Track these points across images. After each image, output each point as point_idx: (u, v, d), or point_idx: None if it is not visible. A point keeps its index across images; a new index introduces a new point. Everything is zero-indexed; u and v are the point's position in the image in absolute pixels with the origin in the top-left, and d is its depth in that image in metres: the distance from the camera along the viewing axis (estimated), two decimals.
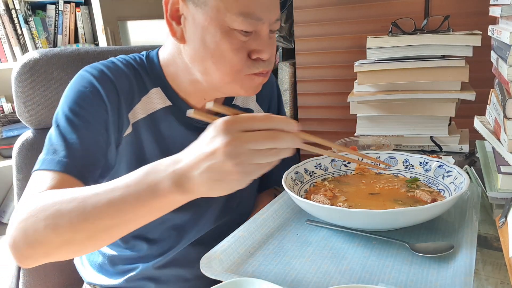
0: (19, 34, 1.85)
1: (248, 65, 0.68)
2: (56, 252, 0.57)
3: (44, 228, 0.55)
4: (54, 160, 0.64)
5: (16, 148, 0.94)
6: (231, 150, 0.47)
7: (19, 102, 0.92)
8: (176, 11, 0.67)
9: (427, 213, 0.61)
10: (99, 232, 0.55)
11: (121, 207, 0.53)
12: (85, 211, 0.54)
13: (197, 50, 0.68)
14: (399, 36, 1.07)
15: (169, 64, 0.76)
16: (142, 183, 0.53)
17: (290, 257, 0.61)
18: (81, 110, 0.68)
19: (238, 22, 0.64)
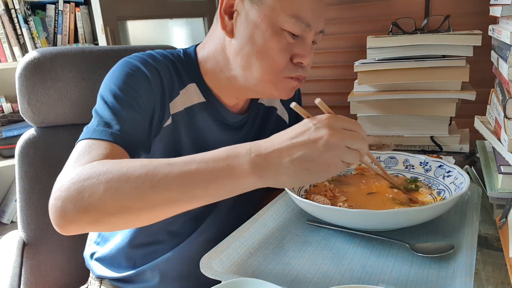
0: (19, 34, 1.85)
1: (289, 68, 0.72)
2: (106, 220, 0.54)
3: (104, 191, 0.53)
4: (107, 132, 0.62)
5: (19, 146, 0.94)
6: (335, 141, 0.51)
7: (23, 100, 0.92)
8: (230, 7, 0.71)
9: (428, 213, 0.61)
10: (162, 203, 0.54)
11: (193, 181, 0.53)
12: (154, 179, 0.53)
13: (244, 45, 0.71)
14: (399, 36, 1.06)
15: (208, 60, 0.78)
16: (220, 161, 0.53)
17: (290, 257, 0.61)
18: (129, 88, 0.68)
19: (290, 23, 0.68)
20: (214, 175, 0.53)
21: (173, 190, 0.53)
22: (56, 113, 0.95)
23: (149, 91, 0.70)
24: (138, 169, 0.54)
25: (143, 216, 0.55)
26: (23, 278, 0.93)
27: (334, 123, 0.53)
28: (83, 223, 0.55)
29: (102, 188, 0.53)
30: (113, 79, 0.70)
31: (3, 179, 2.00)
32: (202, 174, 0.53)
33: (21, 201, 0.95)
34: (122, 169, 0.54)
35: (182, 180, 0.53)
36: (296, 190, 0.73)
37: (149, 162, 0.55)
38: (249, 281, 0.49)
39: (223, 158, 0.53)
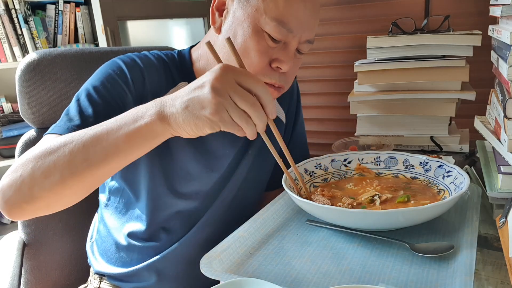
0: (19, 34, 1.85)
1: (265, 72, 0.71)
2: (40, 196, 0.58)
3: (32, 166, 0.58)
4: (65, 126, 0.66)
5: (19, 147, 0.94)
6: (218, 86, 0.52)
7: (23, 101, 0.92)
8: (222, 4, 0.73)
9: (427, 213, 0.61)
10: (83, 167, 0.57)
11: (105, 138, 0.57)
12: (71, 145, 0.58)
13: None
14: (399, 36, 1.07)
15: (200, 59, 0.80)
16: (127, 116, 0.58)
17: (290, 257, 0.61)
18: (104, 89, 0.71)
19: (271, 26, 0.68)
20: (122, 129, 0.57)
21: (89, 151, 0.57)
22: (56, 114, 0.95)
23: (124, 91, 0.72)
24: (57, 141, 0.58)
25: (71, 184, 0.58)
26: (23, 278, 0.93)
27: (225, 71, 0.53)
28: (21, 202, 0.59)
29: (30, 165, 0.58)
30: (93, 78, 0.73)
31: None
32: (112, 131, 0.57)
33: None
34: (45, 145, 0.59)
35: (94, 140, 0.57)
36: (296, 190, 0.73)
37: (66, 136, 0.59)
38: (249, 281, 0.49)
39: (129, 113, 0.58)
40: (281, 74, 0.72)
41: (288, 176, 0.72)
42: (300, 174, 0.74)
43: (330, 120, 1.78)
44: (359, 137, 1.10)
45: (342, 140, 1.05)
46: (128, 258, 0.82)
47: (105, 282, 0.85)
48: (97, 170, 0.58)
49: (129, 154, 0.59)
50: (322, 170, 0.83)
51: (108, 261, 0.84)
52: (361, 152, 0.86)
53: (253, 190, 0.90)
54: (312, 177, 0.80)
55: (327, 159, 0.84)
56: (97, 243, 0.88)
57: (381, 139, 1.04)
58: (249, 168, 0.85)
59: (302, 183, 0.74)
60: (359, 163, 0.84)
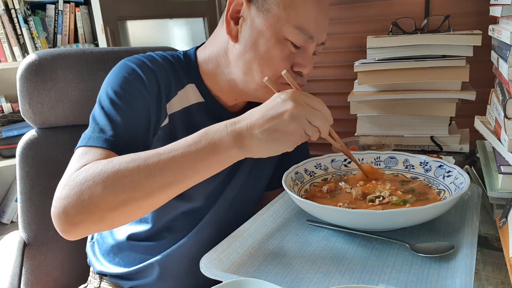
0: (19, 34, 1.85)
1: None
2: (110, 216, 0.59)
3: (103, 189, 0.58)
4: (102, 138, 0.66)
5: (20, 147, 0.94)
6: (297, 113, 0.59)
7: (24, 101, 0.92)
8: (237, 12, 0.73)
9: (428, 213, 0.61)
10: (158, 189, 0.59)
11: (182, 163, 0.59)
12: (147, 169, 0.59)
13: (247, 50, 0.73)
14: (399, 36, 1.06)
15: (209, 61, 0.80)
16: (202, 141, 0.60)
17: (290, 257, 0.61)
18: (124, 92, 0.71)
19: (294, 34, 0.71)
20: (199, 155, 0.60)
21: (166, 175, 0.59)
22: (57, 114, 0.95)
23: (144, 94, 0.72)
24: (130, 163, 0.59)
25: (143, 204, 0.60)
26: (24, 278, 0.93)
27: (298, 97, 0.60)
28: (88, 223, 0.59)
29: (101, 188, 0.58)
30: (110, 83, 0.73)
31: (3, 179, 2.00)
32: (188, 156, 0.60)
33: (22, 202, 0.95)
34: (115, 166, 0.59)
35: (172, 165, 0.59)
36: (296, 190, 0.73)
37: (137, 156, 0.60)
38: (249, 281, 0.49)
39: (204, 138, 0.61)
40: (302, 76, 0.76)
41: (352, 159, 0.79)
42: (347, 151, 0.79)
43: None
44: (359, 137, 1.10)
45: (342, 140, 1.05)
46: (130, 258, 0.82)
47: (105, 282, 0.85)
48: (172, 191, 0.62)
49: (207, 174, 0.63)
50: (322, 170, 0.83)
51: (110, 261, 0.84)
52: (361, 152, 0.86)
53: (254, 189, 0.90)
54: (312, 177, 0.80)
55: (327, 159, 0.84)
56: (98, 244, 0.88)
57: (381, 139, 1.04)
58: (251, 167, 0.86)
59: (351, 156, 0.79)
60: None
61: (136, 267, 0.80)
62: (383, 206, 0.68)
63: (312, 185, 0.79)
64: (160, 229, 0.81)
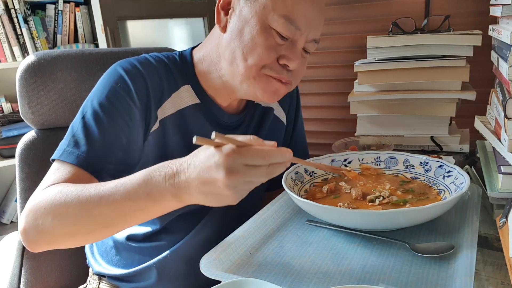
0: (19, 34, 1.84)
1: (273, 67, 0.72)
2: (61, 241, 0.65)
3: (52, 220, 0.61)
4: (74, 154, 0.67)
5: (19, 148, 0.94)
6: (231, 183, 0.52)
7: (23, 102, 0.92)
8: (228, 4, 0.73)
9: (428, 213, 0.61)
10: (100, 228, 0.62)
11: (121, 209, 0.60)
12: (87, 209, 0.60)
13: (232, 39, 0.72)
14: (400, 36, 1.06)
15: (203, 60, 0.79)
16: (141, 191, 0.58)
17: (290, 257, 0.61)
18: (109, 105, 0.70)
19: (279, 23, 0.69)
20: (137, 204, 0.59)
21: (106, 217, 0.61)
22: (56, 115, 0.95)
23: (130, 105, 0.71)
24: (74, 200, 0.61)
25: (89, 237, 0.65)
26: (23, 279, 0.93)
27: (232, 162, 0.51)
28: (44, 244, 0.65)
29: (50, 218, 0.62)
30: (96, 93, 0.72)
31: (3, 179, 2.00)
32: (127, 204, 0.59)
33: (21, 203, 0.95)
34: (61, 200, 0.61)
35: (110, 210, 0.60)
36: (296, 190, 0.73)
37: (82, 192, 0.61)
38: (249, 281, 0.49)
39: (142, 189, 0.58)
40: (289, 71, 0.73)
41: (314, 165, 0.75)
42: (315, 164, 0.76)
43: (330, 120, 1.78)
44: (359, 137, 1.10)
45: (342, 140, 1.05)
46: (129, 259, 0.82)
47: (104, 283, 0.85)
48: (115, 229, 0.64)
49: (147, 219, 0.63)
50: (322, 170, 0.83)
51: (108, 262, 0.84)
52: (361, 152, 0.86)
53: (252, 191, 0.90)
54: (312, 177, 0.80)
55: (327, 159, 0.84)
56: (97, 244, 0.88)
57: (381, 139, 1.04)
58: None
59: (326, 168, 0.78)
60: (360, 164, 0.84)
61: (134, 269, 0.80)
62: (383, 206, 0.68)
63: (312, 185, 0.79)
64: (158, 230, 0.80)
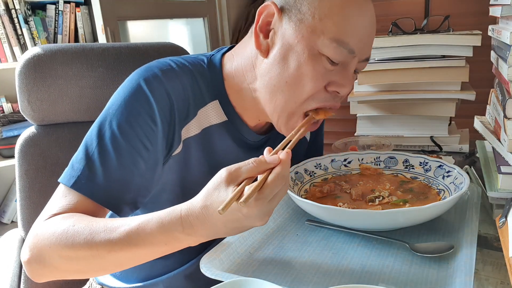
0: (19, 34, 1.85)
1: (319, 97, 0.65)
2: (68, 276, 0.64)
3: (58, 258, 0.59)
4: (87, 186, 0.63)
5: (19, 145, 0.93)
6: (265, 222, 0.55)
7: (23, 98, 0.91)
8: (267, 24, 0.66)
9: (427, 213, 0.61)
10: (112, 269, 0.62)
11: (135, 255, 0.59)
12: (98, 257, 0.58)
13: (275, 66, 0.65)
14: (399, 36, 1.07)
15: (235, 75, 0.72)
16: (157, 241, 0.57)
17: (290, 257, 0.61)
18: (129, 128, 0.64)
19: (330, 48, 0.61)
20: (154, 251, 0.59)
21: (118, 261, 0.59)
22: (56, 111, 0.95)
23: (151, 127, 0.65)
24: (84, 245, 0.58)
25: (95, 274, 0.65)
26: (23, 278, 0.93)
27: (260, 212, 0.53)
28: (51, 277, 0.63)
29: (57, 257, 0.60)
30: (116, 112, 0.65)
31: (3, 179, 2.00)
32: (142, 252, 0.58)
33: (21, 200, 0.94)
34: (68, 241, 0.58)
35: (124, 257, 0.58)
36: (296, 190, 0.73)
37: (91, 237, 0.58)
38: (249, 281, 0.49)
39: (159, 238, 0.57)
40: (336, 95, 0.66)
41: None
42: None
43: (330, 120, 1.78)
44: (359, 137, 1.10)
45: (342, 140, 1.05)
46: (134, 274, 0.78)
47: None
48: (127, 267, 0.62)
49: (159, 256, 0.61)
50: (322, 170, 0.83)
51: (111, 274, 0.81)
52: (361, 152, 0.86)
53: None
54: (312, 177, 0.80)
55: (327, 159, 0.84)
56: None
57: (381, 139, 1.04)
58: None
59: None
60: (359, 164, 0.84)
61: (139, 285, 0.76)
62: (383, 206, 0.68)
63: (312, 185, 0.79)
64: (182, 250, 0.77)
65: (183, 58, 0.73)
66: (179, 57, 0.73)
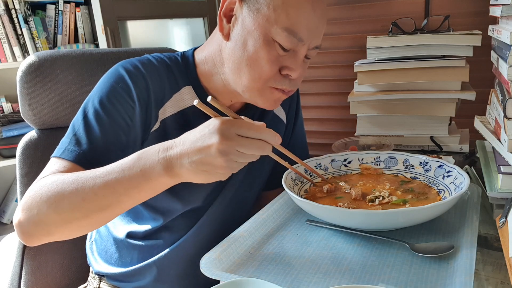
0: (19, 34, 1.85)
1: (276, 79, 0.72)
2: (57, 231, 0.64)
3: (47, 208, 0.62)
4: (75, 152, 0.68)
5: (20, 148, 0.94)
6: (224, 148, 0.55)
7: (24, 102, 0.92)
8: (230, 11, 0.72)
9: (427, 213, 0.61)
10: (96, 211, 0.62)
11: (116, 188, 0.61)
12: (83, 192, 0.61)
13: (236, 50, 0.71)
14: (399, 36, 1.07)
15: (206, 62, 0.79)
16: (135, 167, 0.60)
17: (290, 257, 0.61)
18: (110, 104, 0.71)
19: (281, 36, 0.68)
20: (130, 182, 0.60)
21: (101, 199, 0.61)
22: (57, 115, 0.96)
23: (128, 103, 0.72)
24: (70, 184, 0.62)
25: (85, 223, 0.65)
26: (24, 278, 0.93)
27: (225, 130, 0.55)
28: (39, 235, 0.65)
29: (45, 206, 0.62)
30: (97, 92, 0.73)
31: (3, 179, 2.00)
32: (121, 182, 0.60)
33: None
34: (58, 187, 0.62)
35: (106, 190, 0.61)
36: (296, 190, 0.73)
37: (78, 177, 0.62)
38: (249, 281, 0.49)
39: (136, 163, 0.60)
40: (291, 80, 0.73)
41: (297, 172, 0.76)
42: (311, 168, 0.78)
43: (330, 120, 1.78)
44: (359, 137, 1.10)
45: (342, 140, 1.05)
46: (128, 258, 0.82)
47: (104, 283, 0.85)
48: (110, 213, 0.64)
49: (141, 199, 0.64)
50: (322, 170, 0.83)
51: (107, 261, 0.84)
52: (361, 152, 0.86)
53: (252, 188, 0.90)
54: (312, 177, 0.80)
55: (327, 159, 0.84)
56: (97, 243, 0.88)
57: (381, 139, 1.04)
58: (249, 167, 0.85)
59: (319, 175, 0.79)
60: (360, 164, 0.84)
61: (134, 268, 0.80)
62: (383, 206, 0.68)
63: (312, 185, 0.79)
64: (159, 228, 0.80)
65: (161, 54, 0.81)
66: (157, 53, 0.81)
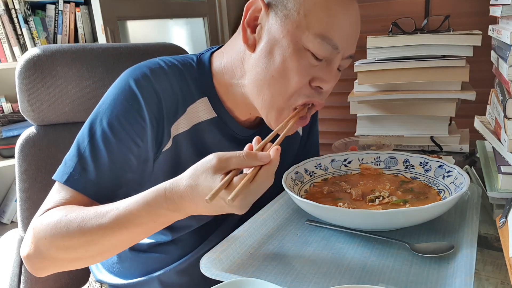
0: (19, 34, 1.84)
1: (304, 92, 0.67)
2: (68, 265, 0.65)
3: (56, 249, 0.61)
4: (80, 182, 0.65)
5: (19, 145, 0.93)
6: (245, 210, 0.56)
7: (23, 98, 0.91)
8: (254, 19, 0.67)
9: (427, 213, 0.61)
10: (107, 251, 0.63)
11: (127, 236, 0.61)
12: (92, 242, 0.60)
13: (261, 61, 0.66)
14: (399, 36, 1.06)
15: (224, 72, 0.73)
16: (146, 220, 0.60)
17: (290, 257, 0.61)
18: (119, 125, 0.66)
19: (314, 43, 0.63)
20: (144, 229, 0.61)
21: (112, 244, 0.62)
22: (56, 111, 0.95)
23: (140, 123, 0.67)
24: (77, 233, 0.60)
25: (98, 259, 0.66)
26: (23, 278, 0.93)
27: (245, 203, 0.55)
28: (51, 269, 0.65)
29: (54, 247, 0.62)
30: (106, 110, 0.67)
31: (3, 179, 2.00)
32: (133, 232, 0.61)
33: (21, 200, 0.94)
34: (62, 231, 0.61)
35: (116, 239, 0.61)
36: (296, 190, 0.73)
37: (83, 224, 0.60)
38: (249, 281, 0.49)
39: (146, 216, 0.59)
40: (321, 93, 0.68)
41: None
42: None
43: (330, 120, 1.78)
44: (359, 137, 1.10)
45: (342, 140, 1.05)
46: (130, 269, 0.79)
47: None
48: (122, 248, 0.65)
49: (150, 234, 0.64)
50: (322, 170, 0.83)
51: (108, 270, 0.82)
52: (361, 152, 0.86)
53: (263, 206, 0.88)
54: (312, 177, 0.80)
55: (327, 159, 0.84)
56: None
57: (381, 139, 1.04)
58: None
59: None
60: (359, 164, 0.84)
61: (136, 280, 0.77)
62: (383, 206, 0.68)
63: (312, 185, 0.79)
64: (166, 242, 0.77)
65: (173, 58, 0.74)
66: (169, 57, 0.75)
